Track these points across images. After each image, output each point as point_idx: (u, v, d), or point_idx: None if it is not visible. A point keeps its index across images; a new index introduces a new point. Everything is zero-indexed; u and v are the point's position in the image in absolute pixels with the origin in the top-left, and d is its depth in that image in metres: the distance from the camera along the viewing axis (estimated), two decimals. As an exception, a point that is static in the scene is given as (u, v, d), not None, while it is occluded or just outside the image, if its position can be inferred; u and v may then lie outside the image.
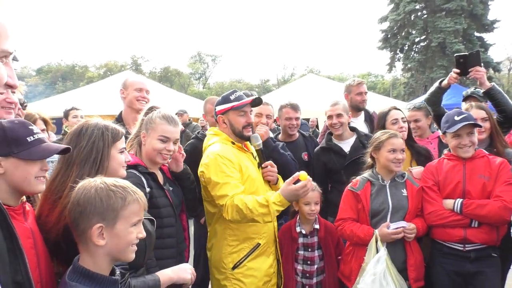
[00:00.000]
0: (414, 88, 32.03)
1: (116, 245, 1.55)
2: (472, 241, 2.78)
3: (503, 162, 2.83)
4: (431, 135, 3.87)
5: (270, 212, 2.50)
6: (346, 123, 3.82)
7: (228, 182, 2.61)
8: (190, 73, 60.54)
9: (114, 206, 1.52)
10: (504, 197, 2.70)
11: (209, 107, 3.97)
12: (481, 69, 3.54)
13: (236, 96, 2.88)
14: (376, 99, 14.09)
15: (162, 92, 14.07)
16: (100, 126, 2.00)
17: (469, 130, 2.83)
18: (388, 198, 2.93)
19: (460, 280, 2.86)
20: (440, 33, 28.73)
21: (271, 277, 2.90)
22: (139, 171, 2.41)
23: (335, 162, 3.74)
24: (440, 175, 2.94)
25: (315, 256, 3.12)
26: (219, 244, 2.84)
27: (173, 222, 2.52)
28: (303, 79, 17.96)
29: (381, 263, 2.72)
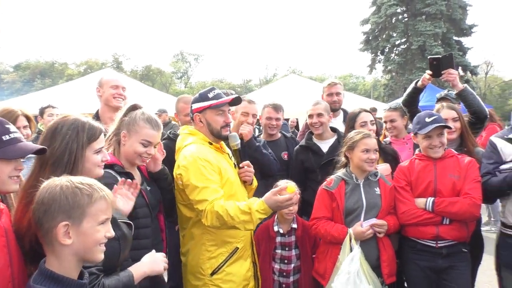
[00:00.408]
0: (393, 90, 32.53)
1: (83, 244, 1.51)
2: (444, 238, 2.88)
3: (471, 161, 2.94)
4: (406, 135, 3.95)
5: (253, 220, 2.41)
6: (326, 123, 3.86)
7: (207, 186, 2.51)
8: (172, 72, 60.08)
9: (80, 203, 1.48)
10: (472, 194, 2.81)
11: (181, 106, 3.89)
12: (454, 71, 3.60)
13: (215, 94, 2.77)
14: (357, 100, 14.28)
15: (143, 91, 13.90)
16: (76, 126, 1.93)
17: (439, 131, 2.92)
18: (362, 196, 2.98)
19: (433, 275, 2.95)
20: (420, 36, 29.33)
21: (249, 281, 2.83)
22: (115, 170, 2.36)
23: (312, 161, 3.77)
24: (412, 175, 3.02)
25: (292, 255, 3.15)
26: (196, 249, 2.72)
27: (149, 223, 2.48)
28: (285, 80, 18.03)
29: (355, 262, 2.77)
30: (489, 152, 3.03)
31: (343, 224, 2.97)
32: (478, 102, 3.51)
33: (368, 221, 2.90)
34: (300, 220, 3.24)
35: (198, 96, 2.81)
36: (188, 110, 3.72)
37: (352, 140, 3.04)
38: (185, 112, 3.79)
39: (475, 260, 3.21)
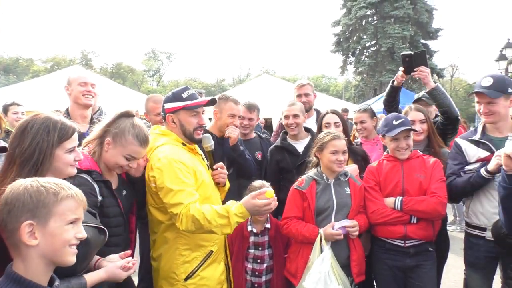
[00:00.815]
0: (364, 91, 33.22)
1: (51, 245, 1.42)
2: (412, 237, 2.95)
3: (436, 161, 3.04)
4: (376, 136, 4.01)
5: (230, 223, 2.33)
6: (301, 123, 3.89)
7: (183, 189, 2.42)
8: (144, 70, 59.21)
9: (46, 202, 1.41)
10: (438, 193, 2.90)
11: (151, 105, 3.80)
12: (425, 69, 3.57)
13: (189, 95, 2.66)
14: (328, 101, 14.48)
15: (114, 89, 13.60)
16: (47, 124, 1.88)
17: (406, 134, 3.00)
18: (333, 196, 3.01)
19: (401, 274, 3.02)
20: (389, 38, 30.09)
21: (222, 284, 2.77)
22: (92, 178, 2.28)
23: (288, 161, 3.79)
24: (380, 176, 3.09)
25: (265, 255, 3.16)
26: (169, 254, 2.61)
27: (121, 232, 2.42)
28: (259, 79, 18.11)
29: (325, 262, 2.80)
30: (454, 153, 3.11)
31: (314, 223, 2.99)
32: (449, 101, 3.52)
33: (340, 222, 2.92)
34: (273, 220, 3.24)
35: (171, 96, 2.70)
36: (158, 110, 3.68)
37: (322, 141, 3.07)
38: (156, 111, 3.73)
39: (441, 259, 3.30)
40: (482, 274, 3.00)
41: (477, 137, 3.05)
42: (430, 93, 3.58)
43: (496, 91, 2.87)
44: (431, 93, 3.58)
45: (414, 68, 3.60)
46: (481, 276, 3.02)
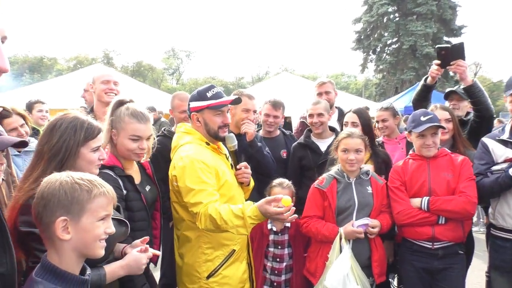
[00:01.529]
0: (385, 89, 32.75)
1: (82, 240, 1.49)
2: (440, 239, 2.86)
3: (464, 159, 2.93)
4: (399, 135, 3.93)
5: (245, 225, 2.33)
6: (326, 122, 3.85)
7: (203, 189, 2.44)
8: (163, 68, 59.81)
9: (79, 199, 1.46)
10: (467, 192, 2.80)
11: (177, 102, 3.81)
12: (463, 63, 3.34)
13: (214, 94, 2.66)
14: (348, 99, 14.33)
15: (135, 87, 13.81)
16: (75, 123, 1.96)
17: (433, 131, 2.91)
18: (354, 195, 2.96)
19: (428, 276, 2.94)
20: (411, 36, 29.56)
21: (244, 283, 2.78)
22: (115, 173, 2.33)
23: (310, 159, 3.75)
24: (406, 175, 3.01)
25: (285, 254, 3.14)
26: (192, 252, 2.65)
27: (145, 226, 2.46)
28: (278, 77, 18.03)
29: (345, 262, 2.77)
30: (480, 153, 3.02)
31: (335, 223, 2.95)
32: (486, 99, 3.36)
33: (360, 220, 2.88)
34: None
35: (197, 94, 2.71)
36: (183, 107, 3.71)
37: (337, 140, 3.07)
38: (180, 109, 3.75)
39: (466, 260, 3.19)
40: (508, 277, 2.91)
41: (505, 136, 2.97)
42: (467, 90, 3.38)
43: None
44: (468, 90, 3.38)
45: (451, 62, 3.36)
46: (507, 280, 2.92)
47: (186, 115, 3.69)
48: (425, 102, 3.68)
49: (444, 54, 3.39)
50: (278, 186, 3.10)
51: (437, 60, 3.45)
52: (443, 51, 3.39)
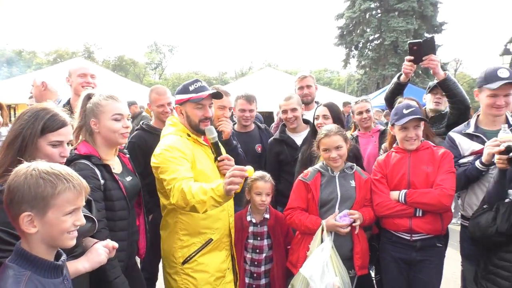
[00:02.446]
0: (367, 85, 33.08)
1: (49, 234, 1.50)
2: (417, 231, 2.91)
3: (445, 152, 2.96)
4: (373, 129, 4.01)
5: (206, 201, 2.28)
6: (300, 116, 3.89)
7: (178, 168, 2.49)
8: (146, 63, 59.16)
9: (43, 195, 1.45)
10: (444, 185, 2.84)
11: (154, 96, 3.77)
12: (436, 57, 3.36)
13: (196, 87, 2.73)
14: (331, 95, 14.45)
15: (116, 82, 13.62)
16: (38, 114, 1.95)
17: (415, 123, 2.95)
18: (337, 188, 3.01)
19: (406, 267, 3.01)
20: (392, 32, 29.91)
21: (224, 273, 2.82)
22: (92, 162, 2.32)
23: (287, 154, 3.79)
24: (387, 168, 3.06)
25: (264, 245, 3.17)
26: (170, 238, 2.76)
27: (126, 215, 2.45)
28: (261, 72, 18.04)
29: (325, 252, 2.82)
30: (448, 147, 3.08)
31: (318, 215, 3.00)
32: (461, 91, 3.39)
33: (342, 212, 2.93)
34: (273, 211, 3.26)
35: (181, 88, 2.80)
36: (161, 101, 3.73)
37: (317, 140, 3.12)
38: (158, 103, 3.73)
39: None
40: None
41: (470, 130, 3.04)
42: (441, 84, 3.42)
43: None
44: (442, 84, 3.41)
45: (423, 57, 3.37)
46: (476, 268, 3.01)
47: (164, 108, 3.72)
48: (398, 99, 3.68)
49: (416, 49, 3.39)
50: (261, 180, 3.13)
51: (410, 56, 3.45)
52: (415, 47, 3.39)
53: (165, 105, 3.72)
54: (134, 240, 2.62)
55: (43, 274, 1.49)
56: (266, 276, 3.18)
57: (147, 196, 3.25)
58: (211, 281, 2.73)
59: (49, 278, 1.51)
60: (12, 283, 1.40)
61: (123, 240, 2.42)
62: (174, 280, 2.73)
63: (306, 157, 3.47)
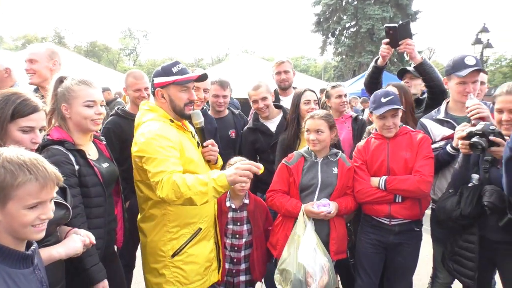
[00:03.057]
0: (343, 72, 33.33)
1: (11, 225, 1.42)
2: (396, 217, 2.96)
3: (423, 137, 2.99)
4: (344, 115, 3.99)
5: (208, 191, 2.23)
6: (271, 104, 3.84)
7: (167, 159, 2.33)
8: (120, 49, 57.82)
9: (3, 185, 1.37)
10: (422, 171, 2.87)
11: (131, 80, 3.67)
12: (412, 42, 3.39)
13: (179, 69, 2.58)
14: (308, 81, 14.50)
15: (89, 68, 13.25)
16: (8, 98, 1.87)
17: (393, 112, 2.96)
18: (318, 174, 3.02)
19: (382, 249, 3.06)
20: (369, 19, 30.13)
21: (211, 262, 2.76)
22: (65, 147, 2.23)
23: (262, 141, 3.77)
24: (367, 155, 3.08)
25: (244, 230, 3.16)
26: (156, 230, 2.59)
27: (103, 202, 2.38)
28: (237, 59, 17.93)
29: (311, 236, 2.87)
30: None
31: (299, 199, 3.02)
32: (437, 75, 3.44)
33: (320, 201, 2.95)
34: (252, 196, 3.25)
35: (161, 70, 2.61)
36: (137, 86, 3.64)
37: (304, 120, 3.13)
38: (135, 87, 3.65)
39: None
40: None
41: (441, 116, 3.12)
42: (418, 68, 3.46)
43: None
44: (418, 68, 3.45)
45: (399, 41, 3.40)
46: None
47: (140, 93, 3.63)
48: (376, 84, 3.74)
49: (392, 33, 3.41)
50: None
51: (386, 39, 3.48)
52: (391, 31, 3.41)
53: (142, 90, 3.64)
54: (112, 228, 2.54)
55: (10, 265, 1.42)
56: (246, 261, 3.19)
57: (123, 182, 3.18)
58: (201, 272, 2.66)
59: (18, 269, 1.44)
60: None
61: (100, 228, 2.36)
62: (162, 275, 2.59)
63: (286, 144, 3.47)
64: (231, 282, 3.17)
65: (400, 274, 3.10)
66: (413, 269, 3.13)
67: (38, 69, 3.29)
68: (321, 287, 2.84)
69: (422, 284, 4.31)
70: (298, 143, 3.47)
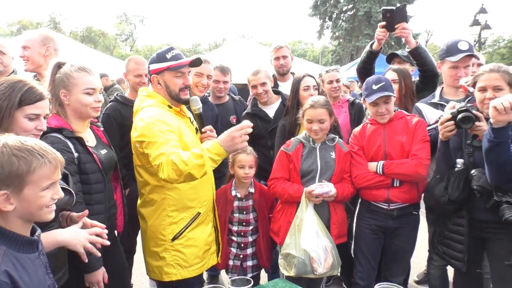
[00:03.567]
0: (341, 56, 33.11)
1: (27, 209, 1.47)
2: (395, 201, 2.98)
3: (419, 121, 3.00)
4: (341, 99, 3.98)
5: (204, 163, 2.23)
6: (270, 89, 3.84)
7: (166, 142, 2.35)
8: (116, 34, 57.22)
9: (18, 173, 1.41)
10: (419, 154, 2.89)
11: (132, 66, 3.67)
12: (407, 26, 3.40)
13: (173, 55, 2.60)
14: (306, 66, 14.43)
15: (85, 53, 13.14)
16: (15, 86, 1.88)
17: (385, 99, 2.96)
18: (317, 159, 3.05)
19: (381, 234, 3.10)
20: (366, 2, 29.78)
21: (210, 245, 2.80)
22: (64, 135, 2.23)
23: (260, 127, 3.76)
24: (363, 140, 3.09)
25: (250, 218, 3.21)
26: (156, 215, 2.62)
27: (103, 188, 2.39)
28: (235, 44, 17.76)
29: (312, 220, 2.91)
30: None
31: (300, 184, 3.05)
32: (431, 59, 3.46)
33: (321, 184, 2.96)
34: (257, 184, 3.29)
35: (156, 57, 2.63)
36: (139, 71, 3.64)
37: (303, 109, 3.11)
38: (136, 73, 3.65)
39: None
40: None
41: (435, 99, 3.17)
42: (413, 52, 3.46)
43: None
44: (413, 52, 3.44)
45: (395, 25, 3.40)
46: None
47: (141, 79, 3.64)
48: (369, 70, 3.72)
49: (389, 16, 3.40)
50: (243, 152, 3.09)
51: (383, 22, 3.47)
52: (388, 14, 3.41)
53: (142, 76, 3.64)
54: (112, 213, 2.57)
55: (18, 249, 1.46)
56: (252, 246, 3.25)
57: (124, 169, 3.20)
58: (200, 255, 2.71)
59: (25, 253, 1.48)
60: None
61: (101, 214, 2.38)
62: (162, 258, 2.64)
63: (288, 130, 3.48)
64: (238, 266, 3.24)
65: (399, 257, 3.14)
66: (411, 252, 3.18)
67: (31, 56, 3.25)
68: (327, 269, 2.90)
69: (420, 267, 4.38)
70: (298, 129, 3.47)
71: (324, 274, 2.95)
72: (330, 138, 3.13)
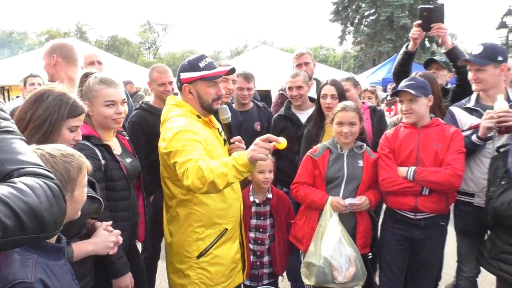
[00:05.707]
0: (363, 61, 32.88)
1: (74, 210, 1.59)
2: (422, 211, 2.86)
3: (456, 131, 2.89)
4: (362, 105, 3.89)
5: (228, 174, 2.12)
6: (306, 94, 3.83)
7: (195, 150, 2.27)
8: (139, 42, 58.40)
9: (74, 178, 1.56)
10: (454, 164, 2.77)
11: (155, 75, 3.69)
12: (444, 26, 3.27)
13: (206, 64, 2.52)
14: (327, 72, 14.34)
15: (110, 62, 13.41)
16: (61, 98, 1.97)
17: (409, 97, 2.87)
18: (344, 166, 2.99)
19: (407, 245, 2.99)
20: (388, 7, 29.51)
21: (237, 263, 2.69)
22: (92, 142, 2.28)
23: (290, 131, 3.73)
24: (395, 143, 2.98)
25: (267, 224, 3.17)
26: (182, 230, 2.53)
27: (127, 196, 2.41)
28: (256, 50, 17.81)
29: (335, 228, 2.84)
30: (447, 121, 3.05)
31: (325, 191, 3.00)
32: None
33: (349, 199, 2.91)
34: (275, 190, 3.25)
35: (188, 65, 2.54)
36: (162, 80, 3.67)
37: (333, 113, 3.08)
38: (159, 81, 3.68)
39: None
40: (472, 240, 3.01)
41: (470, 104, 3.03)
42: (449, 53, 3.35)
43: (485, 59, 2.88)
44: (450, 53, 3.33)
45: (431, 24, 3.27)
46: (470, 243, 3.03)
47: (165, 87, 3.66)
48: (405, 72, 3.60)
49: (426, 15, 3.30)
50: None
51: (419, 21, 3.38)
52: (425, 12, 3.30)
53: (166, 84, 3.67)
54: (136, 221, 2.58)
55: (47, 257, 1.47)
56: (269, 254, 3.20)
57: (148, 176, 3.23)
58: (226, 273, 2.61)
59: (54, 260, 1.49)
60: (20, 267, 1.38)
61: (125, 221, 2.41)
62: (187, 275, 2.54)
63: (312, 135, 3.46)
64: (256, 275, 3.19)
65: (425, 270, 3.02)
66: (438, 265, 3.07)
67: (45, 67, 3.31)
68: (347, 279, 2.82)
69: (448, 278, 4.26)
70: (322, 135, 3.44)
71: (345, 284, 2.86)
72: (358, 145, 3.06)
